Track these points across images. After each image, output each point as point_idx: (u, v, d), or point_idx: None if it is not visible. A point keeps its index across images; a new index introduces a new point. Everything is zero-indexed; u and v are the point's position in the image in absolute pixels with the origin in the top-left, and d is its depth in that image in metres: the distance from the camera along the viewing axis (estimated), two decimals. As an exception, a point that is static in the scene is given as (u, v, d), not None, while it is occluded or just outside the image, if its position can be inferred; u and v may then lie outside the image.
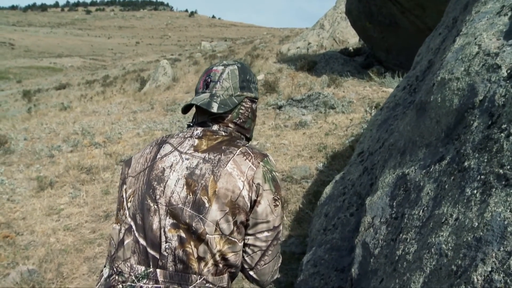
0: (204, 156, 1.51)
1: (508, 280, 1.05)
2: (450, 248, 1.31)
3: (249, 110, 1.72)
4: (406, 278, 1.44)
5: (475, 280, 1.13)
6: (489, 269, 1.12)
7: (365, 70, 12.88)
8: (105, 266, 1.56)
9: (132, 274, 1.45)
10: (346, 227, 2.67)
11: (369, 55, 14.43)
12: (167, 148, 1.59)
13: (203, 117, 1.66)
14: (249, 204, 1.47)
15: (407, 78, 3.37)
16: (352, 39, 18.63)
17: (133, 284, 1.43)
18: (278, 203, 1.54)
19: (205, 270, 1.43)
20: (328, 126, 8.15)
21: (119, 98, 18.55)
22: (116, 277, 1.47)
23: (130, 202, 1.55)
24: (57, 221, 5.96)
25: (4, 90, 37.98)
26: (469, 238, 1.24)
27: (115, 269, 1.49)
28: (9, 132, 12.58)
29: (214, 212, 1.42)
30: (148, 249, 1.45)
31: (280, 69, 14.91)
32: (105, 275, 1.52)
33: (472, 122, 1.62)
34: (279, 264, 1.67)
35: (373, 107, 8.07)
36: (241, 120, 1.69)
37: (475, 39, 1.95)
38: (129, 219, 1.53)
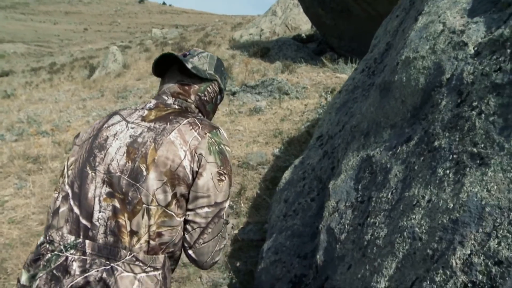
0: (150, 125, 1.45)
1: (489, 263, 1.00)
2: (424, 231, 1.25)
3: (215, 95, 1.69)
4: (377, 264, 1.38)
5: (454, 264, 1.08)
6: (468, 251, 1.06)
7: (318, 56, 12.92)
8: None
9: (61, 243, 1.38)
10: (307, 212, 2.60)
11: (321, 42, 14.50)
12: (115, 118, 1.54)
13: (171, 80, 1.62)
14: (190, 176, 1.40)
15: (365, 61, 3.34)
16: (305, 25, 18.68)
17: (60, 254, 1.36)
18: (223, 178, 1.45)
19: (137, 246, 1.35)
20: (283, 111, 8.09)
21: (67, 85, 17.81)
22: (47, 246, 1.40)
23: (71, 170, 1.48)
24: (0, 214, 5.62)
25: None
26: (445, 220, 1.18)
27: (47, 237, 1.42)
28: None
29: (151, 180, 1.36)
30: (81, 218, 1.38)
31: (233, 56, 14.73)
32: (38, 243, 1.46)
33: (440, 100, 1.57)
34: (222, 246, 1.57)
35: (328, 92, 8.08)
36: (206, 98, 1.65)
37: (439, 17, 1.91)
38: (67, 187, 1.46)
